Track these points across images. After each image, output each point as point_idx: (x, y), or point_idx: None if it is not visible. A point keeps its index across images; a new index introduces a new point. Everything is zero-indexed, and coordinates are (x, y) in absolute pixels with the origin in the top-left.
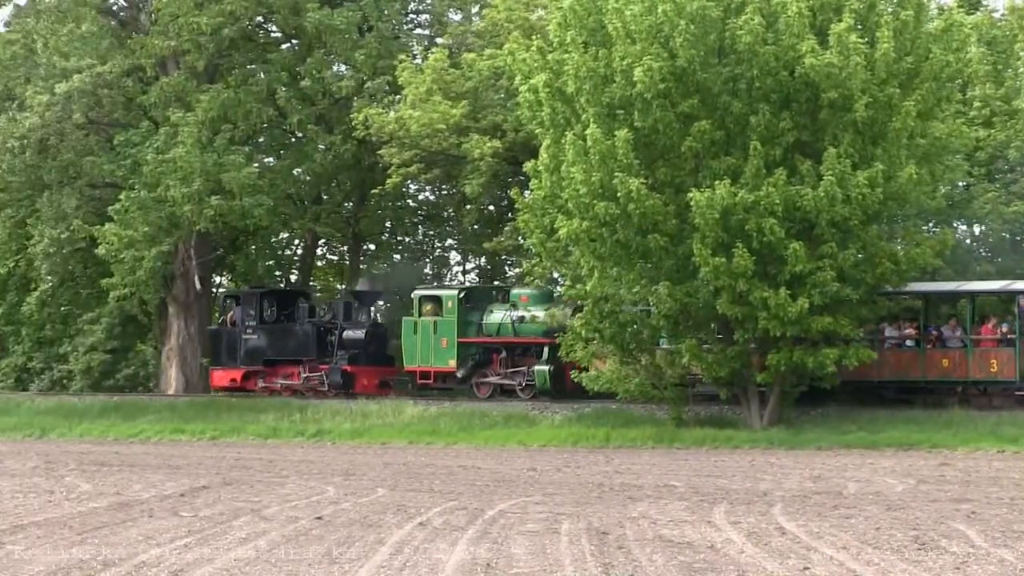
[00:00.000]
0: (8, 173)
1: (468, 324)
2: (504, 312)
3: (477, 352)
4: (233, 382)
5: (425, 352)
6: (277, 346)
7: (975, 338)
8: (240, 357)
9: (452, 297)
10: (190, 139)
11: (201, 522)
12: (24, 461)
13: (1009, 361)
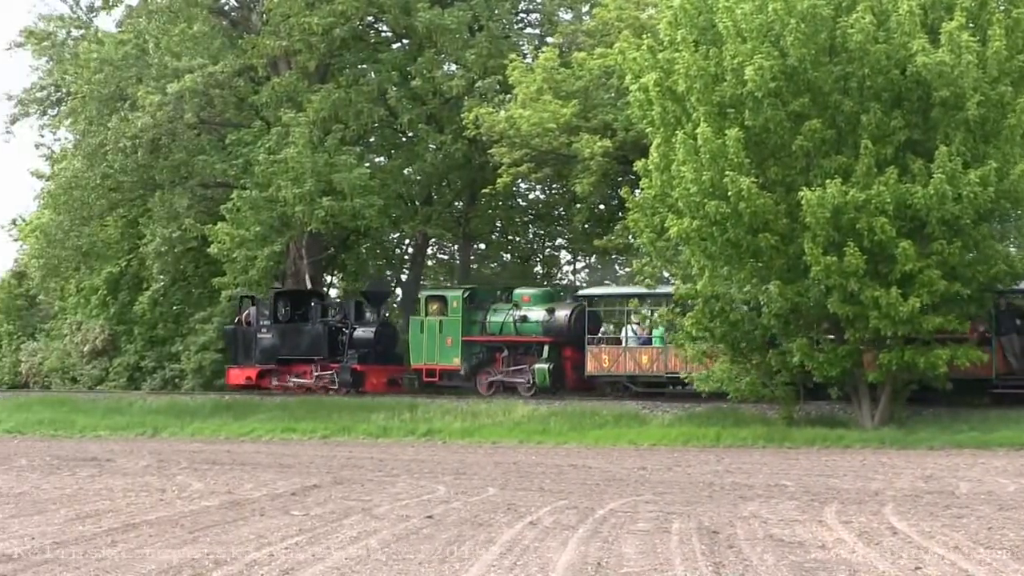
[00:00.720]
0: (120, 173)
1: (472, 323)
2: (506, 312)
3: (481, 350)
4: (248, 380)
5: (431, 350)
6: (290, 345)
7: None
8: (255, 356)
9: (457, 297)
10: (301, 139)
11: (312, 521)
12: (136, 460)
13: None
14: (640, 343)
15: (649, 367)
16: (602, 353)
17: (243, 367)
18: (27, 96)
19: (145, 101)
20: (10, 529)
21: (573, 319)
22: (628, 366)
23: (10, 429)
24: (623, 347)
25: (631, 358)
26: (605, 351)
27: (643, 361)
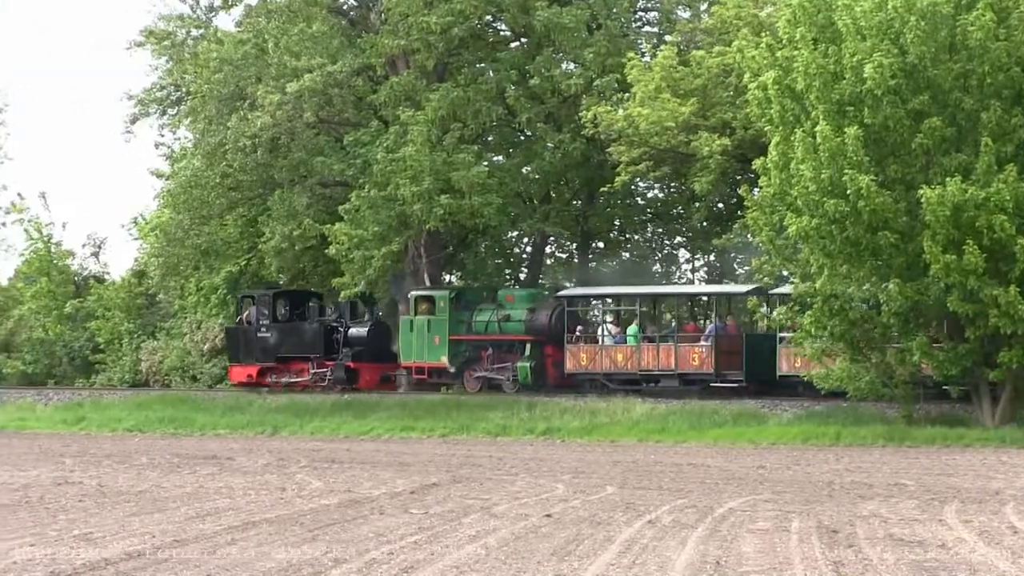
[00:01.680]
0: (240, 172)
1: (459, 323)
2: (491, 312)
3: (467, 349)
4: (250, 378)
5: (420, 349)
6: (288, 343)
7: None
8: (255, 354)
9: (444, 297)
10: (420, 138)
11: (431, 519)
12: (256, 458)
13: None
14: (616, 342)
15: (624, 365)
16: (580, 351)
17: (244, 365)
18: (147, 96)
19: (264, 100)
20: (131, 527)
21: (554, 318)
22: (604, 364)
23: (131, 427)
24: (599, 346)
25: (607, 356)
26: (583, 349)
27: (618, 359)
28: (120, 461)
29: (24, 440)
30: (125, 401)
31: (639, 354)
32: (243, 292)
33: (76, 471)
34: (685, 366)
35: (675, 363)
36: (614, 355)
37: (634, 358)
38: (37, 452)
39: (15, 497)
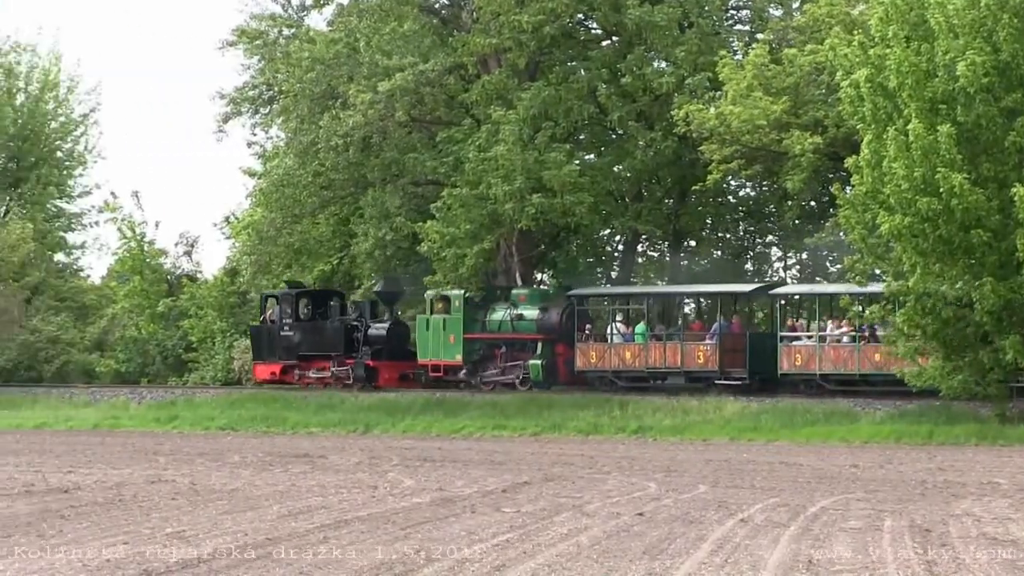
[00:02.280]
0: (332, 171)
1: (473, 321)
2: (504, 311)
3: (481, 347)
4: (273, 375)
5: (436, 347)
6: (310, 342)
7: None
8: (278, 352)
9: (459, 296)
10: (511, 137)
11: (523, 518)
12: (348, 457)
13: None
14: (624, 340)
15: (632, 362)
16: (590, 349)
17: (268, 363)
18: (239, 95)
19: (356, 99)
20: (223, 525)
21: (564, 317)
22: (613, 362)
23: (223, 426)
24: (608, 344)
25: (616, 354)
26: (593, 348)
27: (627, 357)
28: (212, 459)
29: (117, 438)
30: (217, 399)
31: (647, 352)
32: (266, 292)
33: (169, 469)
34: (691, 364)
35: (681, 361)
36: (623, 353)
37: (642, 356)
38: (130, 450)
39: (109, 495)
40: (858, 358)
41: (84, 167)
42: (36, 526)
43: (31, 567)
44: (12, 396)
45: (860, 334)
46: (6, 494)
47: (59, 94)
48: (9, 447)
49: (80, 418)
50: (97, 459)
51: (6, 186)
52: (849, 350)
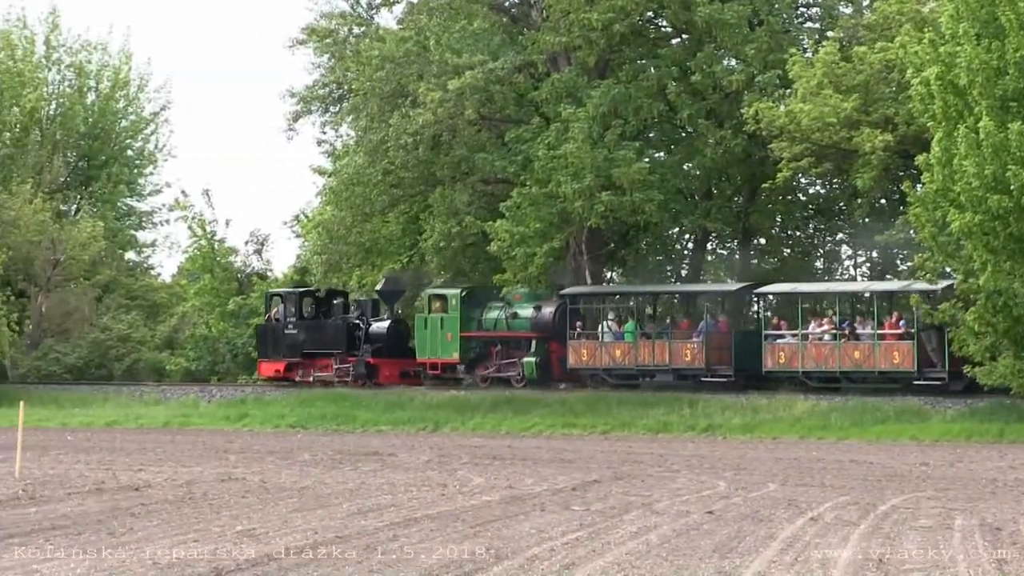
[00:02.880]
0: (401, 169)
1: (470, 320)
2: (500, 309)
3: (477, 345)
4: (277, 373)
5: (433, 345)
6: (313, 340)
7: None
8: (283, 350)
9: (456, 295)
10: (581, 135)
11: (592, 516)
12: (418, 455)
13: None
14: (615, 338)
15: (622, 360)
16: (582, 347)
17: (272, 361)
18: (309, 94)
19: (426, 98)
20: (293, 523)
21: (557, 316)
22: (604, 359)
23: (293, 424)
24: (599, 342)
25: (606, 352)
26: (584, 346)
27: (616, 355)
28: (282, 457)
29: (188, 436)
30: (287, 398)
31: (636, 350)
32: (270, 291)
33: (239, 467)
34: (678, 361)
35: (669, 358)
36: (613, 351)
37: (631, 354)
38: (201, 448)
39: (179, 493)
40: (839, 355)
41: (154, 166)
42: (107, 524)
43: (102, 565)
44: (83, 394)
45: (840, 332)
46: (77, 492)
47: (129, 93)
48: (80, 445)
49: (150, 416)
50: (167, 457)
51: (77, 184)
52: (830, 348)
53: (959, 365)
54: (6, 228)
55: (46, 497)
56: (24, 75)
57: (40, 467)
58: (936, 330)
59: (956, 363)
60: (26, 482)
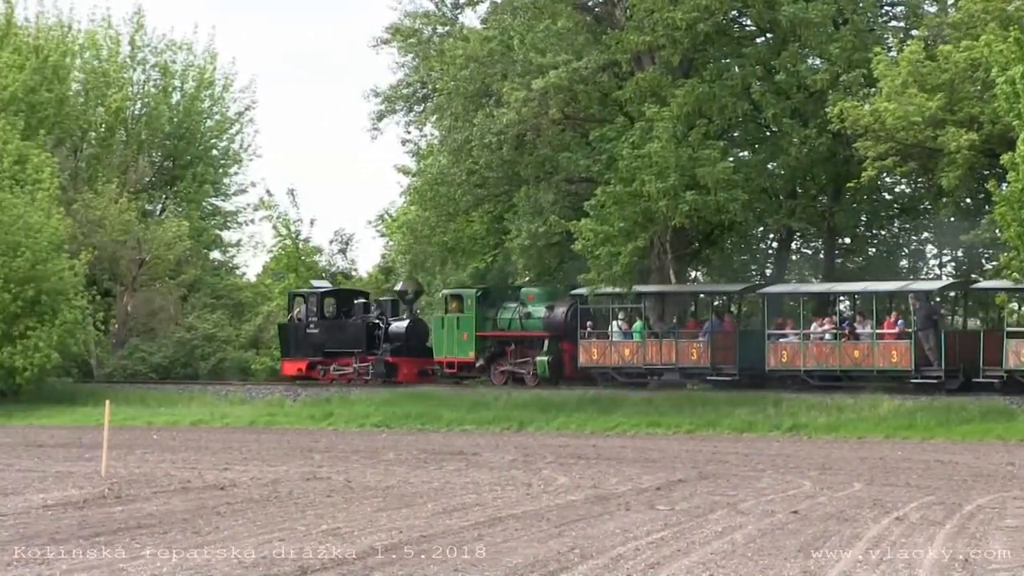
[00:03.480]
0: (486, 169)
1: (485, 320)
2: (514, 309)
3: (492, 344)
4: (300, 371)
5: (450, 344)
6: (334, 339)
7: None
8: (305, 349)
9: (471, 296)
10: (665, 134)
11: (677, 516)
12: (502, 454)
13: None
14: (624, 338)
15: (631, 359)
16: (592, 347)
17: (295, 360)
18: (393, 93)
19: (510, 97)
20: (378, 522)
21: (569, 315)
22: (613, 358)
23: (378, 423)
24: (608, 341)
25: (615, 351)
26: (594, 345)
27: (625, 354)
28: (367, 457)
29: (273, 436)
30: (372, 397)
31: (644, 349)
32: (292, 291)
33: (324, 467)
34: (684, 360)
35: (676, 357)
36: (622, 350)
37: (639, 353)
38: (286, 448)
39: (265, 492)
40: (839, 354)
41: (239, 165)
42: (192, 523)
43: (187, 564)
44: (169, 393)
45: (840, 332)
46: (163, 491)
47: (214, 92)
48: (166, 444)
49: (236, 415)
50: (253, 456)
51: (162, 184)
52: (831, 347)
53: (955, 363)
54: (92, 228)
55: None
56: (109, 75)
57: (126, 466)
58: (933, 329)
59: (952, 361)
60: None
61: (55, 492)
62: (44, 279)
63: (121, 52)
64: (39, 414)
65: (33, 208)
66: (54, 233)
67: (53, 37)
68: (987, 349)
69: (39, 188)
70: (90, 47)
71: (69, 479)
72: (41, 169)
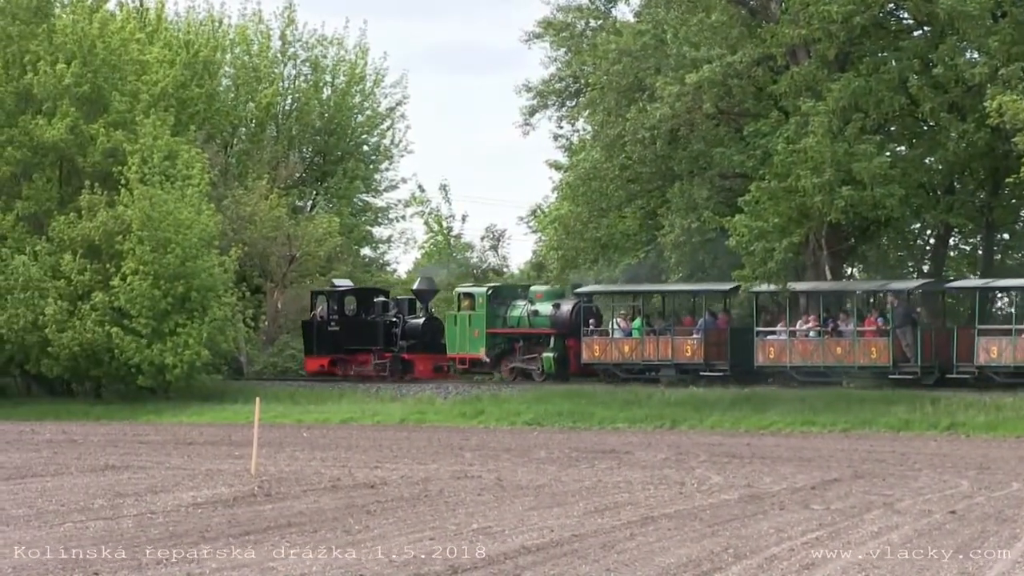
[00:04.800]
0: (639, 164)
1: (496, 317)
2: (522, 307)
3: (502, 341)
4: (322, 368)
5: (462, 341)
6: (354, 336)
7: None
8: (326, 346)
9: (482, 294)
10: (820, 128)
11: (832, 515)
12: (655, 452)
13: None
14: (624, 335)
15: (630, 355)
16: (594, 343)
17: (317, 357)
18: (545, 88)
19: (664, 92)
20: (530, 521)
21: (574, 313)
22: (613, 355)
23: (529, 421)
24: (609, 338)
25: (616, 348)
26: (596, 342)
27: (625, 350)
28: (519, 455)
29: (423, 433)
30: (524, 394)
31: (643, 346)
32: (314, 289)
33: (475, 465)
34: (680, 356)
35: (672, 354)
36: (622, 347)
37: (638, 349)
38: (436, 446)
39: (415, 491)
40: (823, 351)
41: (390, 161)
42: (342, 521)
43: (337, 562)
44: (319, 391)
45: (824, 329)
46: (313, 489)
47: (365, 88)
48: (316, 442)
49: (386, 413)
50: (403, 454)
51: (312, 180)
52: (815, 344)
53: (930, 360)
54: (242, 224)
55: (282, 494)
56: (260, 70)
57: (276, 464)
58: (911, 327)
59: (928, 358)
60: (262, 479)
61: (205, 490)
62: (194, 276)
63: (272, 47)
64: (189, 412)
65: (183, 204)
66: (204, 229)
67: (203, 32)
68: (960, 346)
69: (189, 184)
70: (241, 42)
71: (219, 477)
72: (191, 165)
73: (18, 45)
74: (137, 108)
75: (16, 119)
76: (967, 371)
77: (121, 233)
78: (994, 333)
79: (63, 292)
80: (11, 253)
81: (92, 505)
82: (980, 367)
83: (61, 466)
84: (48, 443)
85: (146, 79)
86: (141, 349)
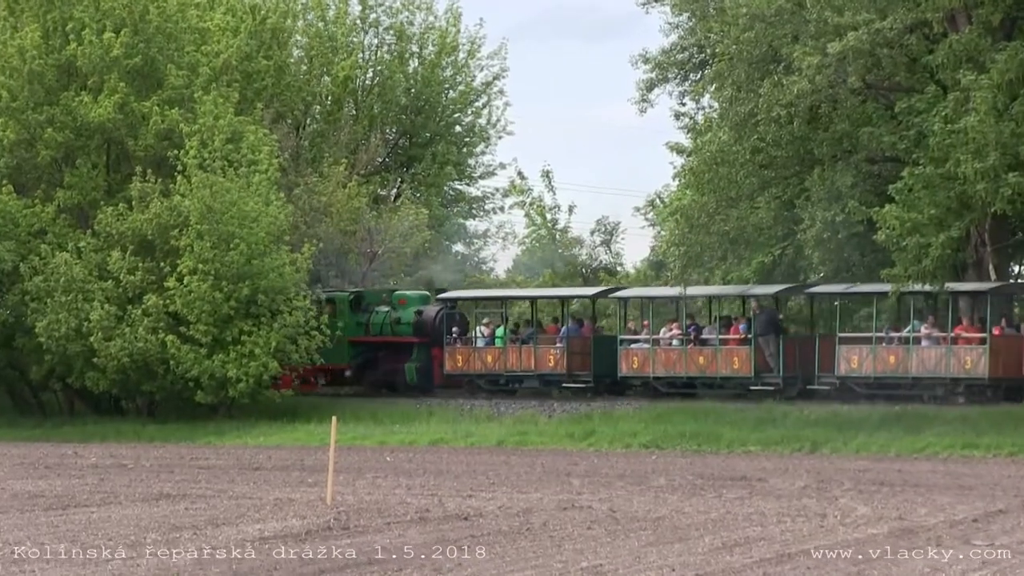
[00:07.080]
0: (773, 146)
1: (358, 325)
2: (385, 314)
3: (365, 350)
4: None
5: (326, 351)
6: None
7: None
8: None
9: (344, 299)
10: (984, 105)
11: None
12: (792, 479)
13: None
14: (487, 343)
15: (493, 365)
16: (457, 353)
17: None
18: (665, 59)
19: (802, 63)
20: (647, 559)
21: (438, 320)
22: (476, 365)
23: (646, 443)
24: (472, 347)
25: (479, 358)
26: (459, 351)
27: (488, 360)
28: (634, 482)
29: (525, 457)
30: (640, 413)
31: (505, 355)
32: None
33: (584, 493)
34: (543, 367)
35: (535, 364)
36: (484, 356)
37: (501, 359)
38: (540, 471)
39: (515, 523)
40: (685, 361)
41: (487, 144)
42: (431, 559)
43: None
44: (405, 409)
45: (687, 337)
46: (398, 521)
47: (458, 59)
48: (402, 467)
49: (482, 434)
50: (501, 481)
51: (397, 166)
52: (678, 353)
53: (793, 370)
54: (316, 216)
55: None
56: (336, 40)
57: (355, 492)
58: (774, 335)
59: (790, 368)
60: (339, 509)
61: (273, 522)
62: (261, 276)
63: (350, 12)
64: (255, 432)
65: (249, 194)
66: (273, 222)
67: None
68: (822, 355)
69: (256, 170)
70: (314, 7)
71: (289, 507)
72: (258, 148)
73: (60, 11)
74: (196, 83)
75: (58, 96)
76: (828, 381)
77: (177, 227)
78: (855, 342)
79: (110, 295)
80: (51, 250)
81: (144, 540)
82: (841, 377)
83: (108, 495)
84: (94, 468)
85: (206, 50)
86: (200, 360)
